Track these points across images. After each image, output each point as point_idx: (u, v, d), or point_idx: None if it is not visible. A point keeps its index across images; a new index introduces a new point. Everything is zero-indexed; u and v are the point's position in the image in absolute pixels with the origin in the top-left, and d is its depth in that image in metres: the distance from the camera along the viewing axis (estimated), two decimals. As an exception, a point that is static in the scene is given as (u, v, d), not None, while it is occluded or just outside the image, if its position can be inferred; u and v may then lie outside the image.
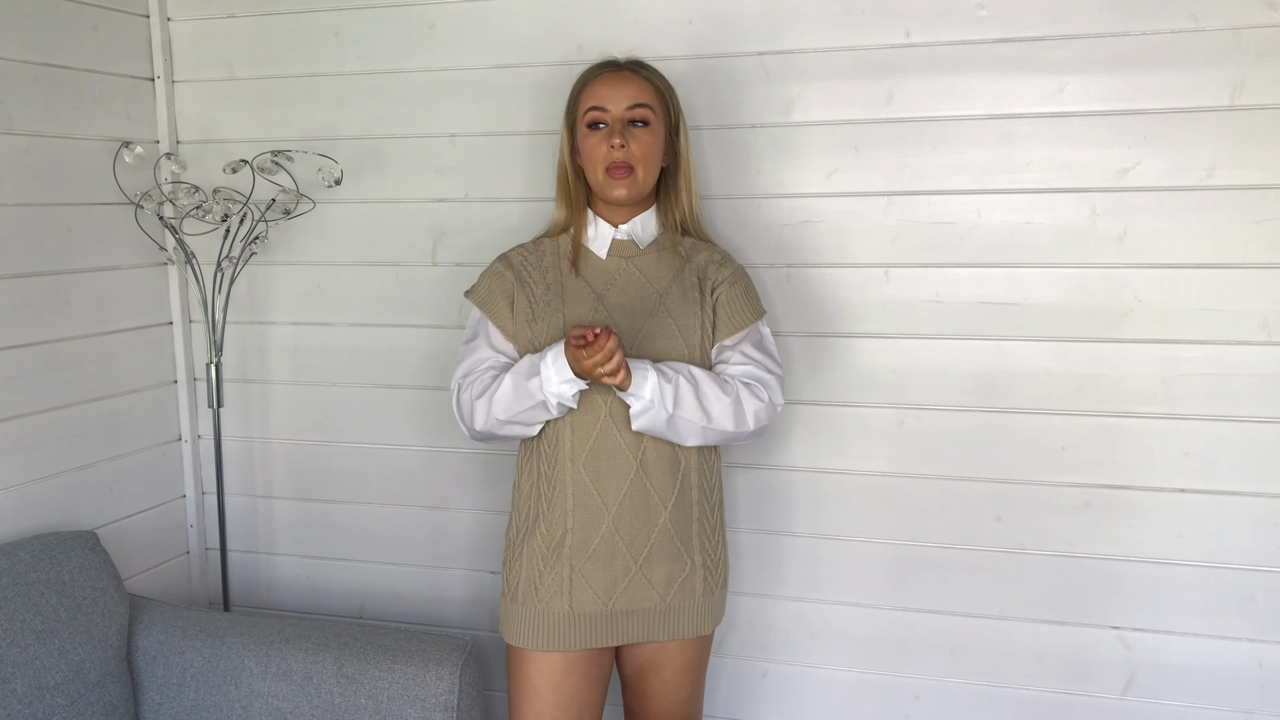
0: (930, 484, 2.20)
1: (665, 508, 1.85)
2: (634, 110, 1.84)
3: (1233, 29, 1.94)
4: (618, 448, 1.83)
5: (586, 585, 1.85)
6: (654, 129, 1.86)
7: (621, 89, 1.84)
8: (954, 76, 2.07)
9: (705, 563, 1.92)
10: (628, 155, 1.82)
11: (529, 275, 1.91)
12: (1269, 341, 2.00)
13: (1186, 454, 2.06)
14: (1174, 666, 2.12)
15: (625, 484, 1.83)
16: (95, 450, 2.35)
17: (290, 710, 2.01)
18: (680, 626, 1.91)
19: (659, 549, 1.86)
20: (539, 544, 1.88)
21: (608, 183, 1.84)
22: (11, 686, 1.84)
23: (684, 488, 1.87)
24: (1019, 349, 2.12)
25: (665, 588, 1.88)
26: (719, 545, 1.95)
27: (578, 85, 1.91)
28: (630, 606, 1.87)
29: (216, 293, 2.43)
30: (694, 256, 1.94)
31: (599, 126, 1.85)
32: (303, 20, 2.40)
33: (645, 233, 1.93)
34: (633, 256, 1.91)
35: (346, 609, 2.61)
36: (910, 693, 2.27)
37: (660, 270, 1.90)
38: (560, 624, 1.86)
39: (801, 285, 2.20)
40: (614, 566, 1.85)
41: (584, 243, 1.92)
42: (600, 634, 1.88)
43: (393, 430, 2.50)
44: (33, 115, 2.17)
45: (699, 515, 1.90)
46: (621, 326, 1.84)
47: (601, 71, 1.88)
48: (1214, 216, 1.99)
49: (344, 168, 2.37)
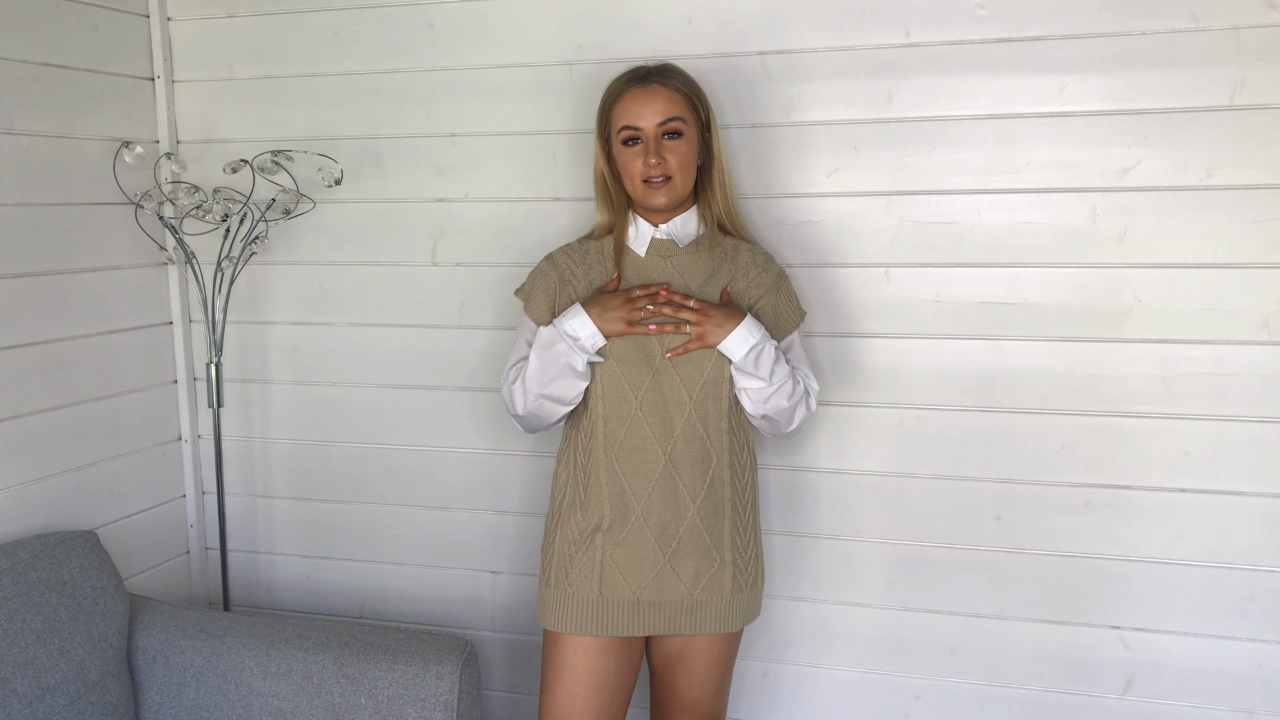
0: (930, 484, 2.20)
1: (694, 502, 1.89)
2: (666, 124, 1.86)
3: (1233, 29, 1.94)
4: (647, 441, 1.87)
5: (616, 572, 1.90)
6: (687, 137, 1.88)
7: (652, 105, 1.86)
8: (954, 76, 2.07)
9: (735, 560, 1.93)
10: (664, 168, 1.86)
11: (572, 274, 1.96)
12: (1269, 341, 2.00)
13: (1186, 454, 2.06)
14: (1174, 666, 2.12)
15: (654, 477, 1.88)
16: (95, 450, 2.35)
17: (290, 710, 2.01)
18: (707, 621, 1.93)
19: (687, 543, 1.89)
20: (573, 530, 1.93)
21: (647, 193, 1.89)
22: (11, 686, 1.84)
23: (714, 484, 1.90)
24: (1019, 349, 2.12)
25: (693, 582, 1.90)
26: (751, 544, 1.97)
27: (608, 99, 1.92)
28: (658, 598, 1.90)
29: (216, 293, 2.43)
30: (736, 257, 1.97)
31: (633, 143, 1.88)
32: (303, 20, 2.40)
33: (684, 232, 1.96)
34: (672, 256, 1.94)
35: (346, 609, 2.61)
36: (910, 693, 2.27)
37: (698, 269, 1.94)
38: (590, 608, 1.90)
39: (802, 285, 2.20)
40: (642, 557, 1.89)
41: (626, 242, 1.96)
42: (628, 622, 1.91)
43: (393, 430, 2.50)
44: (33, 115, 2.17)
45: (731, 513, 1.93)
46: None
47: (629, 87, 1.89)
48: (1214, 216, 1.99)
49: (344, 168, 2.37)
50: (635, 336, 1.86)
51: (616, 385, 1.88)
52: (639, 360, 1.87)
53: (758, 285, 1.95)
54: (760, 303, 1.94)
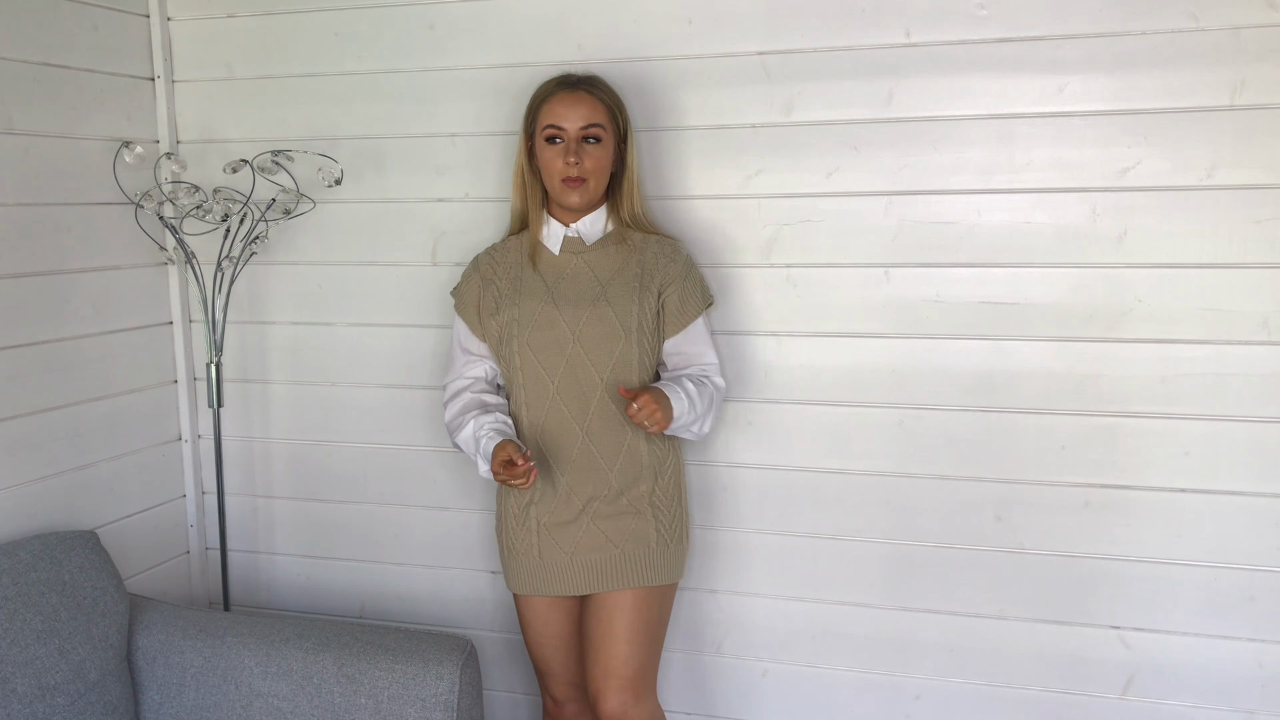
0: (930, 484, 2.20)
1: (611, 470, 2.06)
2: (588, 129, 2.02)
3: (1233, 29, 1.94)
4: (565, 420, 2.06)
5: (551, 538, 2.09)
6: (605, 144, 2.05)
7: (577, 109, 2.02)
8: (954, 76, 2.07)
9: (656, 515, 2.09)
10: (581, 170, 2.02)
11: (494, 273, 2.15)
12: (1269, 341, 2.00)
13: (1186, 454, 2.06)
14: (1174, 666, 2.12)
15: (574, 451, 2.06)
16: (95, 450, 2.35)
17: (290, 710, 2.01)
18: (635, 574, 2.07)
19: (611, 505, 2.07)
20: (512, 505, 2.12)
21: (564, 191, 2.05)
22: (12, 686, 1.84)
23: (630, 453, 2.07)
24: (1019, 349, 2.12)
25: (620, 537, 2.07)
26: (674, 503, 2.12)
27: (537, 99, 2.07)
28: (590, 556, 2.07)
29: (216, 292, 2.43)
30: (644, 249, 2.11)
31: (556, 141, 2.03)
32: (303, 20, 2.40)
33: (592, 230, 2.11)
34: (582, 252, 2.10)
35: (346, 609, 2.61)
36: (910, 693, 2.27)
37: (606, 263, 2.10)
38: (533, 571, 2.11)
39: (801, 285, 2.20)
40: (570, 521, 2.07)
41: (540, 240, 2.12)
42: (568, 582, 2.09)
43: (393, 430, 2.50)
44: (33, 115, 2.17)
45: (651, 477, 2.09)
46: (566, 315, 2.05)
47: (559, 90, 2.05)
48: (1214, 216, 1.99)
49: (344, 168, 2.37)
50: (547, 329, 2.05)
51: (535, 373, 2.07)
52: (552, 349, 2.05)
53: (664, 273, 2.09)
54: (667, 290, 2.08)
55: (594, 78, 2.08)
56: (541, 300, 2.07)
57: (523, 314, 2.07)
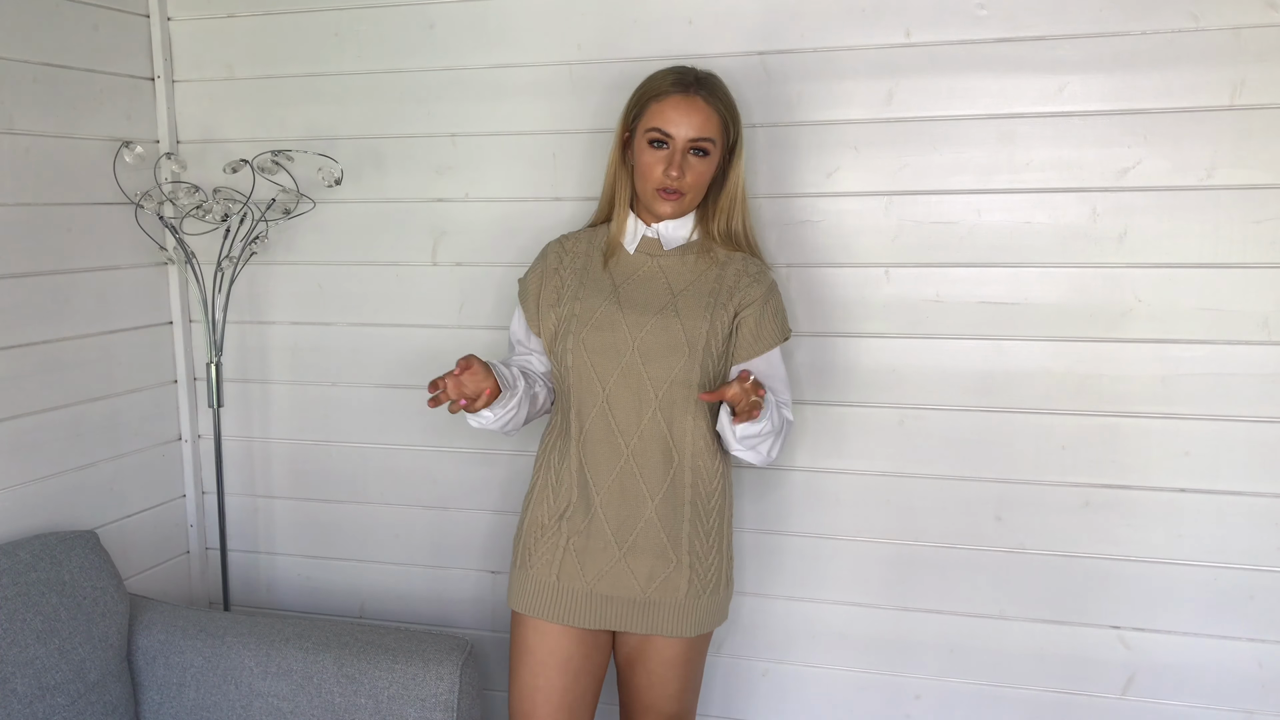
0: (930, 484, 2.20)
1: (652, 500, 1.88)
2: (697, 142, 1.85)
3: (1233, 29, 1.94)
4: (610, 434, 1.88)
5: (575, 561, 1.91)
6: (711, 158, 1.88)
7: (690, 118, 1.83)
8: (954, 76, 2.07)
9: (693, 564, 1.90)
10: (681, 184, 1.86)
11: (560, 263, 1.99)
12: (1269, 341, 2.00)
13: (1186, 454, 2.06)
14: (1174, 666, 2.12)
15: (615, 470, 1.88)
16: (95, 450, 2.35)
17: (290, 710, 2.01)
18: (660, 622, 1.91)
19: (643, 540, 1.89)
20: (543, 514, 1.95)
21: (656, 199, 1.89)
22: (12, 686, 1.84)
23: (675, 485, 1.89)
24: (1019, 349, 2.12)
25: (646, 581, 1.89)
26: (714, 551, 1.94)
27: (646, 95, 1.88)
28: (611, 592, 1.90)
29: (216, 292, 2.43)
30: (728, 264, 1.95)
31: (660, 145, 1.85)
32: (303, 20, 2.40)
33: (675, 235, 1.95)
34: (658, 255, 1.95)
35: (346, 609, 2.61)
36: (910, 693, 2.27)
37: (683, 272, 1.93)
38: (547, 593, 1.92)
39: (801, 285, 2.20)
40: (599, 549, 1.90)
41: (619, 236, 1.96)
42: (583, 613, 1.91)
43: (393, 430, 2.50)
44: (33, 115, 2.17)
45: (691, 515, 1.90)
46: (629, 320, 1.88)
47: (673, 92, 1.85)
48: (1214, 216, 1.99)
49: (344, 168, 2.37)
50: (607, 331, 1.88)
51: (585, 376, 1.89)
52: (608, 353, 1.87)
53: (744, 294, 1.92)
54: (744, 313, 1.92)
55: (713, 79, 1.89)
56: (605, 299, 1.90)
57: (583, 310, 1.90)
